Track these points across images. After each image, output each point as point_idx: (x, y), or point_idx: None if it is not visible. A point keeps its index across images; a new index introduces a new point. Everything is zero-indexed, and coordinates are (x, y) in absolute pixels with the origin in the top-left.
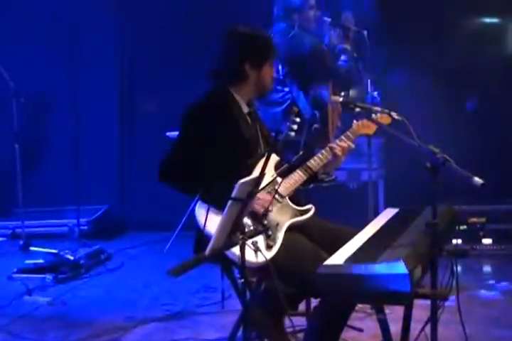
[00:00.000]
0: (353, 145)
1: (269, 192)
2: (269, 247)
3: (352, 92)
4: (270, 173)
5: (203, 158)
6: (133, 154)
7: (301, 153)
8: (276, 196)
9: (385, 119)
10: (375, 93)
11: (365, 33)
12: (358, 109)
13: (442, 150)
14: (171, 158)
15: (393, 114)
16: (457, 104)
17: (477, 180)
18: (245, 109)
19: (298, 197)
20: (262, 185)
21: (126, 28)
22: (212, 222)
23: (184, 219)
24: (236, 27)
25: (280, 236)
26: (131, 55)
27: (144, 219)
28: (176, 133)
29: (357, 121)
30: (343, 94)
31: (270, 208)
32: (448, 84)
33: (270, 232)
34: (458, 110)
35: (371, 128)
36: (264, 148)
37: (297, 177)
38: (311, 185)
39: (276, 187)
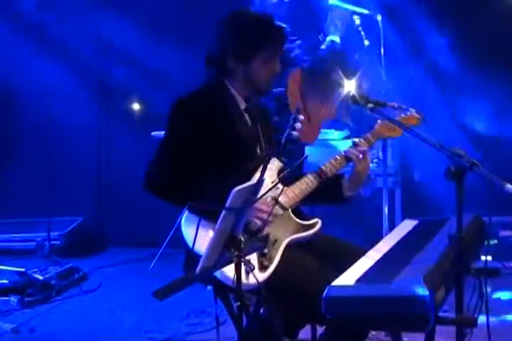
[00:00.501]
0: (366, 149)
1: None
2: (263, 268)
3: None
4: (272, 180)
5: (194, 163)
6: (112, 159)
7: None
8: (277, 207)
9: (411, 120)
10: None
11: (379, 17)
12: (370, 105)
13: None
14: (157, 164)
15: (412, 110)
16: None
17: (510, 187)
18: (242, 105)
19: (301, 208)
20: (261, 193)
21: (105, 22)
22: (203, 236)
23: (171, 233)
24: (235, 11)
25: (277, 254)
26: (110, 52)
27: (124, 234)
28: (163, 133)
29: (381, 120)
30: (349, 89)
31: (269, 220)
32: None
33: (266, 250)
34: (486, 107)
35: (397, 131)
36: (266, 149)
37: (304, 186)
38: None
39: (277, 197)
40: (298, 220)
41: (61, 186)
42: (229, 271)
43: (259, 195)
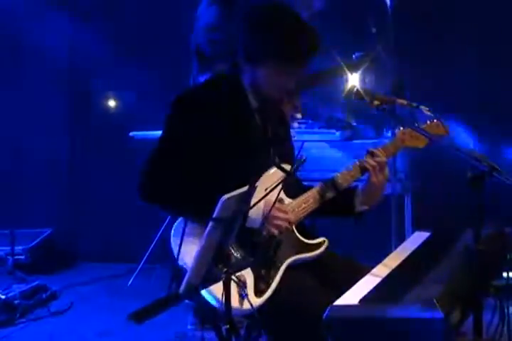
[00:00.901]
0: (384, 160)
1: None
2: (259, 291)
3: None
4: (275, 191)
5: (191, 164)
6: (85, 165)
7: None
8: None
9: (438, 129)
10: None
11: (388, 1)
12: (376, 102)
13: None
14: (151, 166)
15: (423, 108)
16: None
17: None
18: (254, 104)
19: (305, 223)
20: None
21: (77, 19)
22: (191, 249)
23: (151, 247)
24: (263, 6)
25: (276, 277)
26: (83, 50)
27: (98, 248)
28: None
29: (403, 128)
30: (352, 84)
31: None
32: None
33: (263, 272)
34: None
35: (422, 140)
36: (273, 155)
37: (312, 199)
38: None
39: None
40: (302, 238)
41: (26, 194)
42: (217, 290)
43: (255, 201)
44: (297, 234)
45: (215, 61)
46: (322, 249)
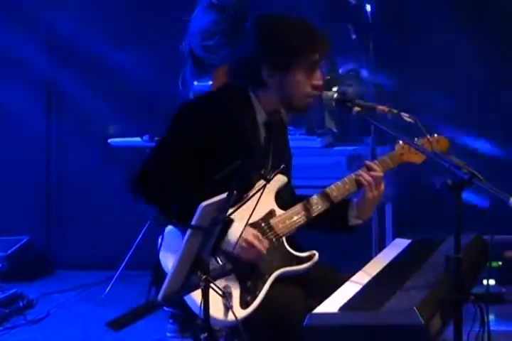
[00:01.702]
0: (381, 175)
1: (260, 231)
2: (244, 303)
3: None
4: (267, 201)
5: (187, 169)
6: (63, 172)
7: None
8: (270, 235)
9: (438, 144)
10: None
11: (369, 7)
12: (357, 108)
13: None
14: (149, 163)
15: (403, 114)
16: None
17: None
18: (262, 118)
19: (295, 235)
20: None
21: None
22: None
23: (128, 255)
24: (267, 15)
25: (263, 290)
26: (60, 47)
27: (76, 255)
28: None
29: (403, 141)
30: (335, 89)
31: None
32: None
33: (249, 283)
34: (488, 109)
35: (420, 156)
36: (270, 170)
37: (303, 212)
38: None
39: (272, 221)
40: (292, 251)
41: (3, 202)
42: (199, 297)
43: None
44: (287, 247)
45: (210, 67)
46: (312, 262)
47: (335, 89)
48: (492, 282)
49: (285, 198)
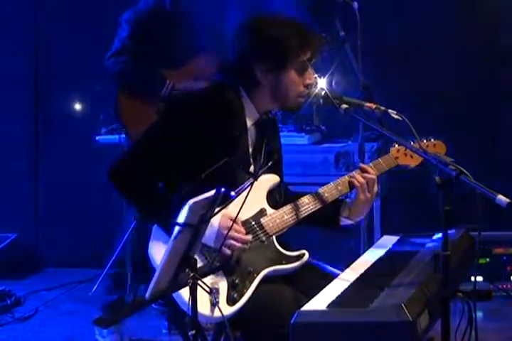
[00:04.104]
0: (374, 178)
1: (250, 230)
2: (231, 301)
3: (338, 82)
4: (258, 199)
5: (167, 164)
6: (51, 168)
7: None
8: (260, 234)
9: (435, 148)
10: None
11: (356, 4)
12: (344, 106)
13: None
14: (129, 154)
15: (391, 112)
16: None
17: (502, 198)
18: (252, 118)
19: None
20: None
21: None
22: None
23: (116, 253)
24: (259, 15)
25: (250, 288)
26: (46, 43)
27: (64, 253)
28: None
29: (398, 143)
30: (320, 87)
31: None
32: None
33: (237, 280)
34: (476, 108)
35: (416, 159)
36: (258, 168)
37: (295, 212)
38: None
39: (263, 220)
40: (281, 250)
41: None
42: (187, 294)
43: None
44: (277, 245)
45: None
46: (301, 261)
47: (322, 86)
48: (480, 279)
49: (277, 197)
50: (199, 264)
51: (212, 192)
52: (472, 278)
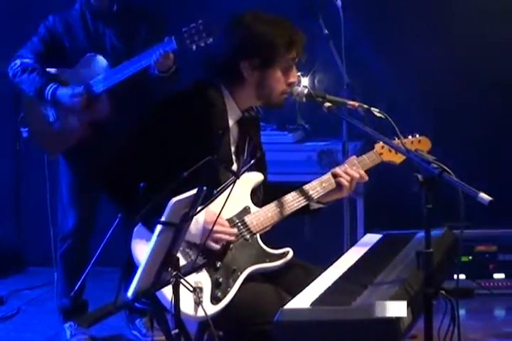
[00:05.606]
0: (365, 178)
1: (235, 225)
2: (215, 300)
3: (321, 80)
4: (242, 197)
5: (153, 163)
6: (31, 168)
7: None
8: (244, 232)
9: (423, 145)
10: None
11: (339, 2)
12: (327, 104)
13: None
14: (116, 156)
15: (374, 109)
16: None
17: (484, 196)
18: (234, 116)
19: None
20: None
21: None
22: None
23: (99, 250)
24: (245, 13)
25: (234, 287)
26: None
27: (45, 251)
28: None
29: (383, 141)
30: (303, 85)
31: (231, 246)
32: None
33: (221, 279)
34: (461, 106)
35: (400, 156)
36: (240, 166)
37: (279, 209)
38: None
39: (247, 218)
40: (265, 248)
41: None
42: (170, 293)
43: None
44: (261, 244)
45: None
46: (285, 259)
47: (305, 84)
48: (462, 277)
49: (261, 195)
50: (182, 263)
51: (194, 191)
52: (455, 276)
